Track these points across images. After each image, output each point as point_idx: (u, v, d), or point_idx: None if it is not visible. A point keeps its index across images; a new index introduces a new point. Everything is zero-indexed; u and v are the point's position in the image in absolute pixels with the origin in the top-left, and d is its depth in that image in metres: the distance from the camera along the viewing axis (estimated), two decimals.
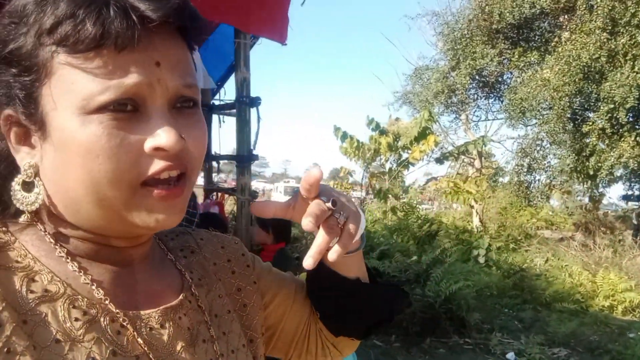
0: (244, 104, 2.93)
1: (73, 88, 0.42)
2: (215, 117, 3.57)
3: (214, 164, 3.60)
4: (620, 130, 9.00)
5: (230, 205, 5.11)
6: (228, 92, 3.89)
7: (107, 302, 0.48)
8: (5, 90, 0.46)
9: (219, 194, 3.34)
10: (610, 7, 8.58)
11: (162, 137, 0.44)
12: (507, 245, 10.28)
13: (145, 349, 0.48)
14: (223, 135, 3.80)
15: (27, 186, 0.48)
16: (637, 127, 9.08)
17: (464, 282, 5.61)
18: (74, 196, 0.46)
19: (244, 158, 2.94)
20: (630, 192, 11.43)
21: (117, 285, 0.51)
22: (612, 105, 8.55)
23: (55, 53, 0.42)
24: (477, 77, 12.79)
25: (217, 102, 3.92)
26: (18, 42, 0.43)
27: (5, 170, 0.50)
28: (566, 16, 10.30)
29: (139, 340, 0.48)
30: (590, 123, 9.09)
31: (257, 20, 2.89)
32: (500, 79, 12.82)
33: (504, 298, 6.66)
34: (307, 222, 0.52)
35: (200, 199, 3.42)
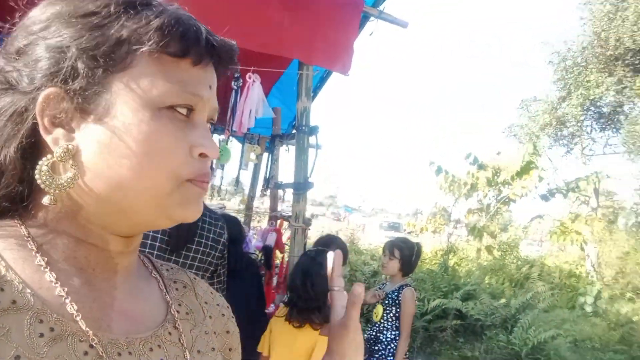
0: (303, 132, 3.00)
1: (151, 84, 0.48)
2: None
3: (280, 192, 3.72)
4: None
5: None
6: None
7: (78, 319, 0.46)
8: (66, 68, 0.47)
9: (279, 222, 3.42)
10: None
11: (210, 146, 0.51)
12: (623, 294, 9.05)
13: None
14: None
15: (55, 169, 0.48)
16: None
17: (556, 330, 5.04)
18: (119, 182, 0.47)
19: (299, 186, 2.99)
20: None
21: (94, 299, 0.50)
22: None
23: (145, 50, 0.47)
24: (591, 108, 11.73)
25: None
26: (117, 25, 0.47)
27: (26, 152, 0.49)
28: None
29: None
30: None
31: (320, 52, 2.97)
32: (618, 109, 11.61)
33: (607, 352, 5.83)
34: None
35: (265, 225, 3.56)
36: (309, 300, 1.95)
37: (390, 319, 2.99)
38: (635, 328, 6.37)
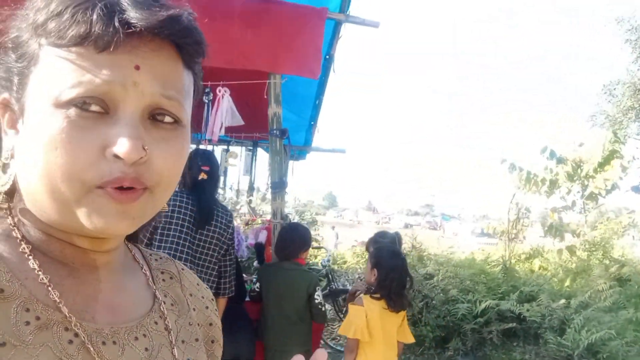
0: (275, 135, 3.21)
1: (51, 79, 0.43)
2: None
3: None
4: None
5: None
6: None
7: (63, 308, 0.46)
8: (7, 74, 0.47)
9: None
10: None
11: (121, 145, 0.43)
12: None
13: None
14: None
15: (4, 168, 0.49)
16: None
17: (608, 332, 4.56)
18: (32, 184, 0.45)
19: (275, 184, 3.21)
20: None
21: (78, 291, 0.49)
22: None
23: (42, 45, 0.44)
24: None
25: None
26: (20, 31, 0.46)
27: None
28: None
29: (91, 352, 0.46)
30: None
31: (286, 61, 3.17)
32: None
33: None
34: None
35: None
36: (400, 291, 2.56)
37: None
38: None
